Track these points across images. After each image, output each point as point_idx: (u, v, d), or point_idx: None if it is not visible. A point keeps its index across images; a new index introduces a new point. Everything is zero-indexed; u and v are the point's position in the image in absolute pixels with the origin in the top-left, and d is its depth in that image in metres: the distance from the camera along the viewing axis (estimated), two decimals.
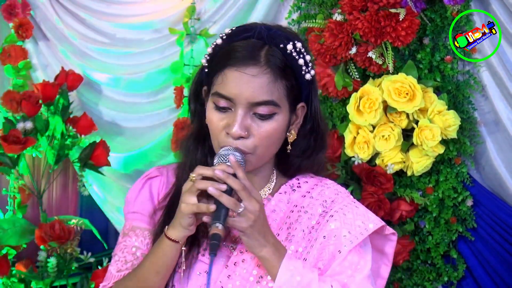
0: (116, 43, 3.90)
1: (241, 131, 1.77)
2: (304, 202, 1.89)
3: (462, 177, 3.15)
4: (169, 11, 3.76)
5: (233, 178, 1.70)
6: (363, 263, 1.81)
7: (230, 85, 1.78)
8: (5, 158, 3.61)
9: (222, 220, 1.68)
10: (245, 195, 1.70)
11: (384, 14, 2.96)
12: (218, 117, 1.81)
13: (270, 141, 1.81)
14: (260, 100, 1.77)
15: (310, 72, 1.85)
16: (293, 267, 1.74)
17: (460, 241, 3.19)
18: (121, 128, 3.91)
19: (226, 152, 1.76)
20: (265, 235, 1.74)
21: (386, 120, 3.05)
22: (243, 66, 1.77)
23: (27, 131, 3.58)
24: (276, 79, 1.78)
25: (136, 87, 3.88)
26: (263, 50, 1.79)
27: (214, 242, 1.66)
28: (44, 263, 3.56)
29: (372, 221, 1.86)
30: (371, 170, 3.05)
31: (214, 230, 1.67)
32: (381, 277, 1.97)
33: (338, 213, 1.85)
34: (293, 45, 1.81)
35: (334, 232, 1.82)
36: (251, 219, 1.70)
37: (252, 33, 1.82)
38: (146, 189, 1.99)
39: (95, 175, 3.80)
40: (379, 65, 3.04)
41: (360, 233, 1.82)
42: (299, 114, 1.88)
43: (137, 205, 1.98)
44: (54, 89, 3.66)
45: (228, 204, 1.68)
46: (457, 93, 3.13)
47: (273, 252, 1.74)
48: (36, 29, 3.97)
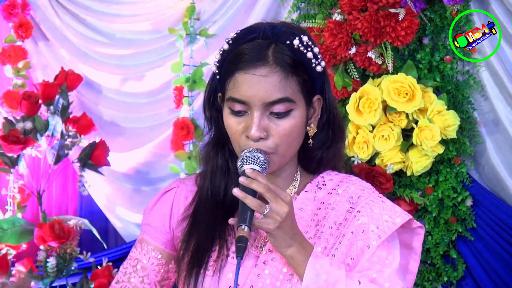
0: (115, 43, 3.90)
1: (260, 132, 1.77)
2: (330, 199, 1.89)
3: (461, 177, 3.15)
4: (168, 11, 3.76)
5: (257, 182, 1.70)
6: (391, 257, 1.81)
7: (242, 89, 1.78)
8: (5, 158, 3.61)
9: (248, 222, 1.69)
10: (270, 196, 1.70)
11: (383, 14, 2.96)
12: (236, 121, 1.81)
13: (290, 138, 1.81)
14: (274, 98, 1.77)
15: (321, 64, 1.84)
16: (319, 266, 1.73)
17: (460, 241, 3.19)
18: (120, 128, 3.91)
19: (248, 154, 1.76)
20: (293, 235, 1.74)
21: (386, 120, 3.05)
22: (252, 68, 1.77)
23: (27, 131, 3.58)
24: (287, 76, 1.78)
25: (136, 87, 3.88)
26: (270, 49, 1.79)
27: (241, 244, 1.67)
28: (44, 263, 3.56)
29: (399, 215, 1.85)
30: (370, 170, 3.05)
31: (240, 232, 1.68)
32: (410, 272, 1.97)
33: (365, 208, 1.85)
34: (299, 39, 1.81)
35: (362, 227, 1.82)
36: (278, 221, 1.70)
37: (257, 34, 1.81)
38: (162, 202, 2.00)
39: (95, 175, 3.79)
40: (379, 65, 3.04)
41: (388, 227, 1.82)
42: (316, 106, 1.88)
43: (150, 218, 1.99)
44: (54, 89, 3.66)
45: (252, 205, 1.68)
46: (457, 93, 3.13)
47: (299, 251, 1.74)
48: (35, 29, 3.98)
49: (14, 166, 3.65)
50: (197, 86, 3.63)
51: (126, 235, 3.91)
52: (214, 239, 1.87)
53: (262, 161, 1.76)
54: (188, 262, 1.87)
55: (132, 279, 1.92)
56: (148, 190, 3.85)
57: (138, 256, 1.95)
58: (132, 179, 3.88)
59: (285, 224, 1.71)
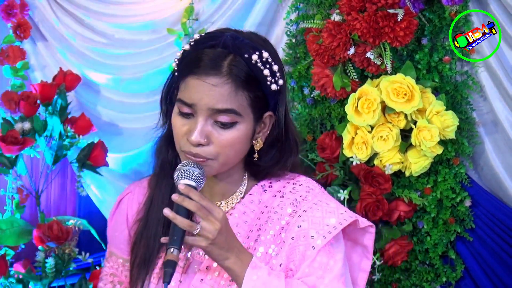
0: (114, 43, 3.90)
1: (200, 138, 1.77)
2: (274, 202, 1.88)
3: (460, 177, 3.15)
4: (167, 12, 3.76)
5: (188, 200, 1.70)
6: (332, 263, 1.80)
7: (191, 92, 1.78)
8: (3, 158, 3.61)
9: (178, 244, 1.69)
10: (202, 215, 1.71)
11: (382, 15, 2.96)
12: (181, 122, 1.82)
13: (232, 149, 1.81)
14: (220, 107, 1.77)
15: (278, 82, 1.83)
16: (256, 277, 1.73)
17: (459, 241, 3.19)
18: (119, 128, 3.91)
19: (185, 168, 1.77)
20: (229, 248, 1.74)
21: (384, 121, 3.05)
22: (204, 75, 1.77)
23: (25, 131, 3.58)
24: (237, 90, 1.78)
25: (135, 88, 3.88)
26: (227, 60, 1.78)
27: (167, 269, 1.67)
28: (42, 263, 3.56)
29: (342, 218, 1.83)
30: (369, 171, 3.05)
31: (169, 256, 1.67)
32: (362, 271, 1.96)
33: (306, 213, 1.83)
34: (259, 55, 1.80)
35: (302, 232, 1.81)
36: (210, 238, 1.70)
37: (217, 42, 1.81)
38: (119, 211, 2.03)
39: (93, 175, 3.79)
40: (378, 65, 3.04)
41: (329, 231, 1.80)
42: (266, 122, 1.87)
43: (111, 229, 2.02)
44: (52, 89, 3.65)
45: (182, 225, 1.68)
46: (456, 94, 3.13)
47: (236, 263, 1.74)
48: (34, 29, 3.97)
49: (13, 166, 3.65)
50: None
51: None
52: (161, 247, 1.87)
53: (197, 175, 1.75)
54: (137, 264, 1.88)
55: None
56: None
57: (112, 271, 1.98)
58: (131, 179, 3.87)
59: (219, 240, 1.71)
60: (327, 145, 3.17)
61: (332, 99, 3.23)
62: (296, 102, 3.37)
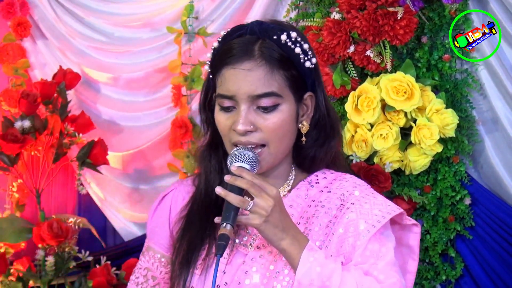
0: (114, 41, 3.90)
1: (246, 126, 1.78)
2: (321, 197, 1.88)
3: (460, 175, 3.15)
4: (167, 10, 3.76)
5: (240, 179, 1.71)
6: (384, 250, 1.80)
7: (229, 84, 1.80)
8: (3, 156, 3.61)
9: (231, 220, 1.69)
10: (254, 191, 1.70)
11: (382, 13, 2.96)
12: (224, 117, 1.83)
13: (280, 133, 1.81)
14: (259, 92, 1.78)
15: (311, 60, 1.85)
16: (313, 259, 1.72)
17: (458, 239, 3.19)
18: (119, 126, 3.91)
19: (238, 152, 1.78)
20: (284, 228, 1.73)
21: (384, 119, 3.05)
22: (238, 63, 1.79)
23: (25, 129, 3.58)
24: (272, 70, 1.79)
25: (134, 86, 3.88)
26: (257, 44, 1.81)
27: (221, 242, 1.67)
28: (42, 261, 3.56)
29: (390, 209, 1.85)
30: (369, 169, 3.05)
31: (222, 230, 1.68)
32: (409, 272, 1.95)
33: (354, 205, 1.84)
34: (287, 35, 1.82)
35: (351, 223, 1.82)
36: (263, 215, 1.70)
37: (244, 30, 1.84)
38: (161, 207, 2.02)
39: (94, 173, 3.79)
40: (377, 63, 3.04)
41: (378, 221, 1.81)
42: (308, 104, 1.88)
43: (152, 224, 2.01)
44: (52, 87, 3.65)
45: (235, 202, 1.69)
46: (455, 92, 3.13)
47: (292, 244, 1.73)
48: (34, 28, 3.97)
49: (13, 165, 3.65)
50: (195, 85, 3.62)
51: (124, 234, 3.91)
52: (204, 238, 1.88)
53: (251, 158, 1.76)
54: (179, 262, 1.88)
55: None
56: (146, 189, 3.85)
57: (147, 265, 1.97)
58: (131, 177, 3.88)
59: (273, 218, 1.71)
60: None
61: (332, 97, 3.23)
62: None
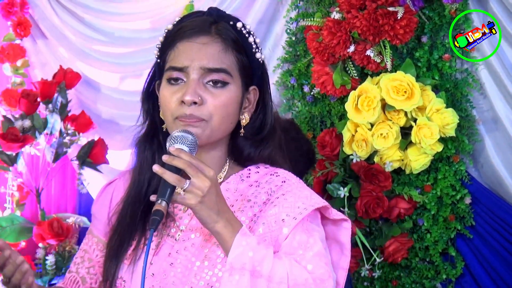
0: (114, 41, 3.90)
1: (194, 97, 1.77)
2: (249, 191, 1.87)
3: (460, 175, 3.15)
4: (167, 9, 3.76)
5: (178, 159, 1.69)
6: (312, 241, 1.78)
7: (182, 56, 1.80)
8: (4, 156, 3.61)
9: (167, 197, 1.68)
10: (191, 171, 1.68)
11: (382, 13, 2.97)
12: (171, 90, 1.81)
13: (225, 111, 1.81)
14: (212, 66, 1.78)
15: (261, 53, 1.87)
16: (245, 243, 1.71)
17: (459, 238, 3.20)
18: (119, 126, 3.91)
19: (177, 134, 1.75)
20: (219, 210, 1.72)
21: (385, 118, 3.05)
22: (193, 37, 1.80)
23: (26, 129, 3.58)
24: (227, 48, 1.80)
25: (135, 85, 3.88)
26: (214, 24, 1.82)
27: (155, 217, 1.66)
28: (43, 260, 3.57)
29: (314, 202, 1.83)
30: (369, 168, 3.05)
31: (156, 206, 1.67)
32: (341, 268, 1.92)
33: (278, 199, 1.83)
34: (242, 24, 1.84)
35: (273, 217, 1.80)
36: (199, 195, 1.68)
37: (201, 13, 1.86)
38: (104, 194, 2.02)
39: (94, 173, 3.79)
40: (377, 63, 3.05)
41: (299, 213, 1.79)
42: (251, 98, 1.88)
43: (94, 209, 2.02)
44: (52, 87, 3.66)
45: (171, 180, 1.67)
46: (455, 91, 3.13)
47: (226, 227, 1.72)
48: (34, 27, 3.97)
49: (13, 164, 3.65)
50: None
51: None
52: (134, 230, 1.87)
53: (190, 140, 1.75)
54: (109, 258, 1.88)
55: (80, 269, 1.97)
56: None
57: (85, 247, 1.99)
58: None
59: (208, 199, 1.70)
60: (327, 142, 3.18)
61: (332, 96, 3.24)
62: (296, 100, 3.38)
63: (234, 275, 1.70)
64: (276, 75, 3.42)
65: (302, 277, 1.73)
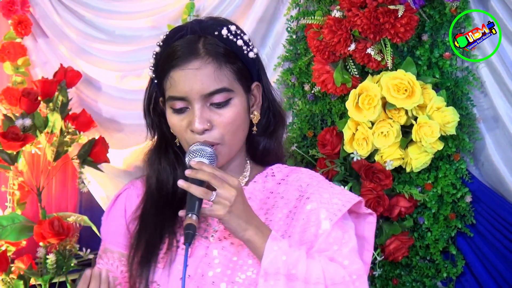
0: (115, 39, 3.90)
1: (203, 124, 1.80)
2: (279, 188, 1.90)
3: (461, 173, 3.15)
4: (168, 8, 3.76)
5: (201, 172, 1.72)
6: (347, 237, 1.82)
7: (179, 85, 1.81)
8: (4, 155, 3.61)
9: (196, 210, 1.71)
10: (216, 183, 1.71)
11: (382, 11, 2.96)
12: (178, 118, 1.84)
13: (234, 126, 1.83)
14: (211, 90, 1.80)
15: (253, 50, 1.88)
16: (277, 247, 1.73)
17: (459, 237, 3.20)
18: (120, 124, 3.91)
19: (195, 147, 1.79)
20: (247, 218, 1.74)
21: (385, 117, 3.05)
22: (185, 63, 1.80)
23: (26, 128, 3.58)
24: (220, 66, 1.81)
25: (135, 84, 3.88)
26: (200, 42, 1.82)
27: (189, 232, 1.69)
28: (43, 259, 3.56)
29: (349, 197, 1.87)
30: (370, 167, 3.05)
31: (188, 220, 1.70)
32: (364, 263, 1.95)
33: (314, 195, 1.86)
34: (227, 29, 1.84)
35: (312, 213, 1.83)
36: (227, 205, 1.71)
37: (185, 31, 1.85)
38: (117, 205, 2.02)
39: (94, 172, 3.79)
40: (378, 61, 3.04)
41: (338, 209, 1.82)
42: (256, 94, 1.91)
43: (108, 225, 2.03)
44: (53, 86, 3.66)
45: (197, 193, 1.70)
46: (456, 90, 3.13)
47: (256, 234, 1.75)
48: (35, 26, 3.97)
49: (14, 163, 3.65)
50: None
51: None
52: (163, 234, 1.89)
53: (209, 153, 1.78)
54: (138, 262, 1.88)
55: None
56: None
57: (107, 267, 1.95)
58: (132, 175, 3.86)
59: (236, 208, 1.72)
60: (327, 141, 3.18)
61: (333, 95, 3.24)
62: (297, 98, 3.37)
63: (269, 280, 1.72)
64: (276, 73, 3.42)
65: (339, 275, 1.75)
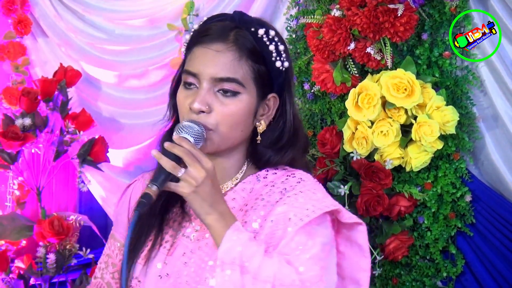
0: (114, 39, 3.90)
1: (202, 105, 1.78)
2: (264, 190, 1.87)
3: (460, 172, 3.15)
4: (167, 7, 3.76)
5: (178, 147, 1.70)
6: (311, 243, 1.76)
7: (196, 61, 1.81)
8: (4, 154, 3.61)
9: (159, 183, 1.68)
10: (189, 160, 1.69)
11: (382, 10, 2.96)
12: (185, 94, 1.83)
13: (233, 120, 1.81)
14: (222, 76, 1.78)
15: (283, 63, 1.85)
16: (236, 238, 1.71)
17: (459, 236, 3.19)
18: (120, 124, 3.91)
19: (185, 123, 1.77)
20: (213, 203, 1.72)
21: (385, 116, 3.05)
22: (210, 43, 1.80)
23: (26, 127, 3.58)
24: (241, 58, 1.79)
25: (135, 83, 3.88)
26: (233, 30, 1.81)
27: (142, 200, 1.67)
28: (43, 259, 3.56)
29: (324, 205, 1.81)
30: (369, 166, 3.05)
31: (146, 190, 1.68)
32: (363, 270, 1.92)
33: (290, 198, 1.82)
34: (265, 31, 1.82)
35: (281, 215, 1.79)
36: (193, 185, 1.69)
37: (226, 16, 1.85)
38: (124, 196, 2.03)
39: (94, 171, 3.80)
40: (378, 60, 3.04)
41: (307, 215, 1.77)
42: (270, 105, 1.88)
43: (116, 213, 2.03)
44: (53, 85, 3.66)
45: (166, 166, 1.68)
46: (456, 89, 3.13)
47: (218, 220, 1.72)
48: (35, 25, 3.98)
49: (13, 162, 3.65)
50: None
51: None
52: (151, 230, 1.88)
53: (196, 131, 1.75)
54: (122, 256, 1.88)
55: (105, 275, 1.96)
56: None
57: (108, 252, 1.99)
58: (132, 175, 3.88)
59: (202, 190, 1.70)
60: (327, 140, 3.17)
61: (333, 94, 3.23)
62: (296, 98, 3.37)
63: (226, 269, 1.70)
64: None
65: (289, 278, 1.72)
